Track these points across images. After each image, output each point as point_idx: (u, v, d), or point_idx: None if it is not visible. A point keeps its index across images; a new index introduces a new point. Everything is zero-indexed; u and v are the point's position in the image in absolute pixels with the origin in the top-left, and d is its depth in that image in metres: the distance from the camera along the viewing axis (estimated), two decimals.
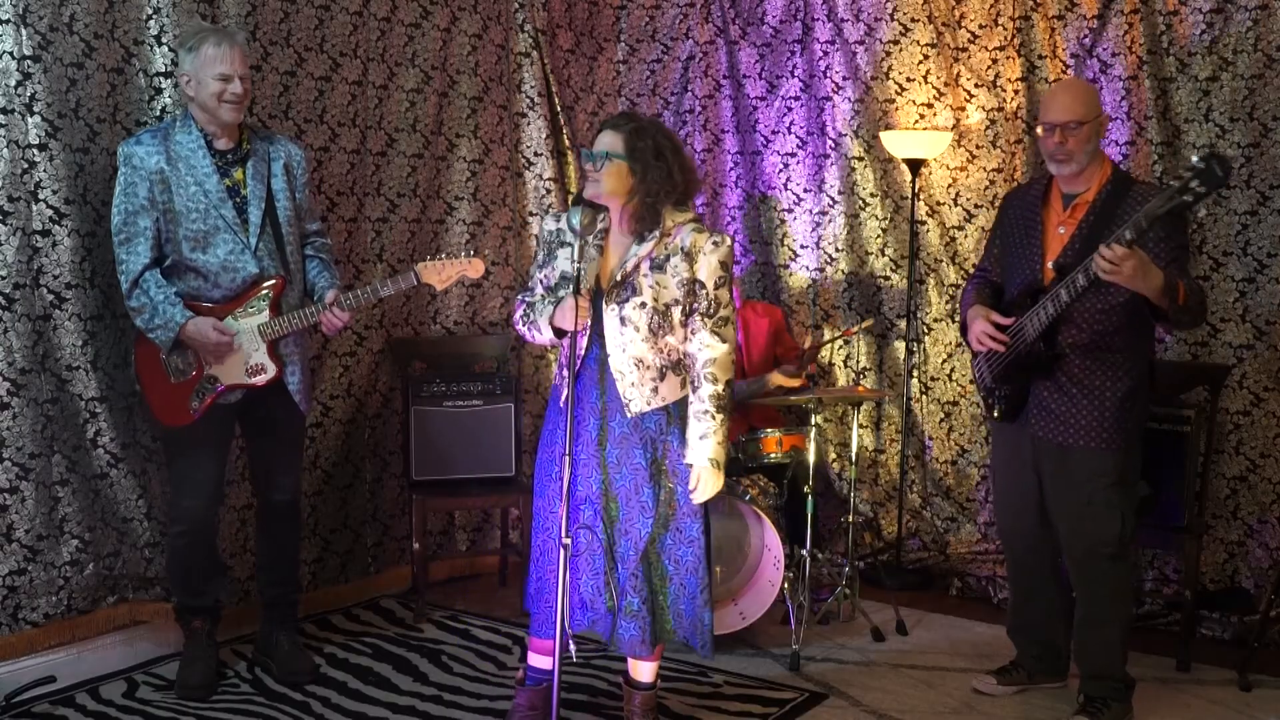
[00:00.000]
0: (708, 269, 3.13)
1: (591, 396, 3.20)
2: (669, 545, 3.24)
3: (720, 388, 3.14)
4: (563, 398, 3.18)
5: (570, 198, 5.32)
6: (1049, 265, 3.48)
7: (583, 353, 3.18)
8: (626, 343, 3.12)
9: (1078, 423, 3.46)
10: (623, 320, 3.12)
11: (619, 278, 3.13)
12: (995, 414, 3.70)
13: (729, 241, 3.18)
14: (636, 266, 3.13)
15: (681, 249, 3.13)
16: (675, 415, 3.21)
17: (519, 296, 3.34)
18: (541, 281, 3.28)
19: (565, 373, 3.17)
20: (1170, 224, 3.30)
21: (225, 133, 3.64)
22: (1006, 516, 3.84)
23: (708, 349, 3.15)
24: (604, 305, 3.14)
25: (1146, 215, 3.11)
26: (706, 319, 3.14)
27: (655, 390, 3.16)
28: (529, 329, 3.26)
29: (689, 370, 3.20)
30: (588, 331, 3.15)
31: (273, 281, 3.65)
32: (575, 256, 3.02)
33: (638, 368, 3.14)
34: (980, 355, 3.68)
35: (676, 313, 3.13)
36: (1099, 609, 3.58)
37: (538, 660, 3.39)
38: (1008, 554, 3.95)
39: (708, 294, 3.14)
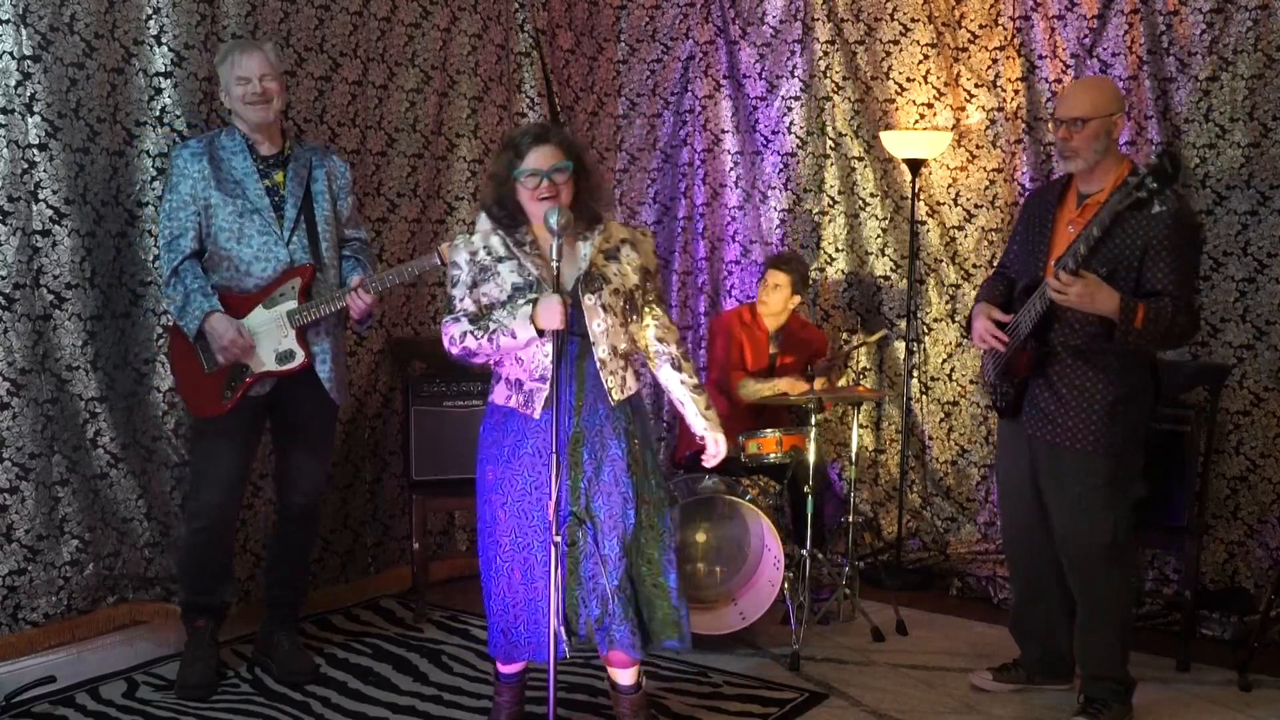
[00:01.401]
0: (648, 256, 3.30)
1: (566, 394, 3.18)
2: (642, 542, 3.20)
3: (693, 362, 3.37)
4: (535, 409, 3.13)
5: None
6: (1052, 264, 3.47)
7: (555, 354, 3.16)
8: (608, 329, 3.17)
9: (1066, 424, 3.47)
10: (604, 308, 3.16)
11: (584, 270, 3.17)
12: (999, 410, 3.73)
13: (650, 233, 3.45)
14: (595, 260, 3.19)
15: (624, 240, 3.27)
16: (637, 409, 3.29)
17: (446, 319, 3.19)
18: (478, 301, 3.16)
19: (528, 384, 3.15)
20: (1176, 236, 3.29)
21: (268, 139, 3.72)
22: (1008, 515, 3.85)
23: (671, 330, 3.35)
24: (582, 296, 3.15)
25: (1109, 211, 3.18)
26: (658, 305, 3.32)
27: (624, 381, 3.23)
28: (489, 338, 3.10)
29: (655, 355, 3.35)
30: (565, 332, 3.13)
31: (303, 269, 3.68)
32: (553, 256, 3.03)
33: (614, 355, 3.19)
34: (987, 351, 3.71)
35: (639, 297, 3.27)
36: (1096, 610, 3.57)
37: (507, 669, 3.37)
38: (1009, 553, 3.95)
39: (654, 280, 3.31)
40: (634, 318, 3.25)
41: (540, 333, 3.07)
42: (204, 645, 3.80)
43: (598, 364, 3.16)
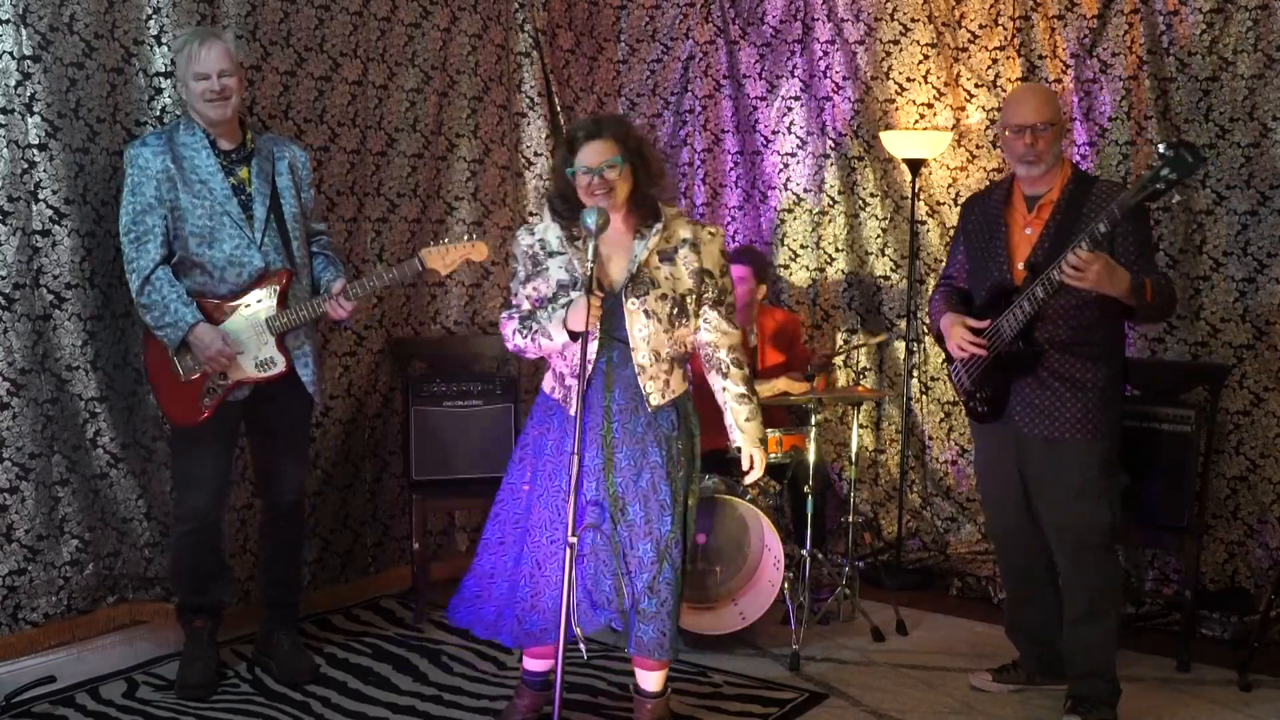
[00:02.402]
0: (712, 258, 3.24)
1: (600, 399, 3.18)
2: (671, 545, 3.21)
3: (747, 370, 3.32)
4: (572, 406, 3.14)
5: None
6: (1019, 266, 3.51)
7: (594, 357, 3.13)
8: (649, 335, 3.15)
9: (1064, 415, 3.49)
10: (647, 313, 3.14)
11: (634, 272, 3.15)
12: (977, 415, 3.72)
13: (721, 231, 3.34)
14: (648, 260, 3.17)
15: (685, 240, 3.21)
16: (682, 411, 3.25)
17: (504, 314, 3.30)
18: (530, 296, 3.24)
19: (568, 379, 3.17)
20: (1135, 220, 3.37)
21: (227, 133, 3.65)
22: (995, 516, 3.85)
23: (727, 335, 3.28)
24: (625, 300, 3.14)
25: (1121, 205, 3.19)
26: (719, 306, 3.26)
27: (668, 384, 3.20)
28: (532, 339, 3.19)
29: (705, 360, 3.32)
30: (598, 334, 3.12)
31: (279, 274, 3.65)
32: (589, 256, 3.00)
33: (656, 360, 3.17)
34: (957, 361, 3.70)
35: (691, 302, 3.21)
36: (1094, 603, 3.57)
37: (532, 664, 3.39)
38: (999, 554, 3.95)
39: (716, 282, 3.25)
40: (683, 322, 3.19)
41: (574, 336, 3.07)
42: (202, 645, 3.80)
43: (636, 369, 3.15)
